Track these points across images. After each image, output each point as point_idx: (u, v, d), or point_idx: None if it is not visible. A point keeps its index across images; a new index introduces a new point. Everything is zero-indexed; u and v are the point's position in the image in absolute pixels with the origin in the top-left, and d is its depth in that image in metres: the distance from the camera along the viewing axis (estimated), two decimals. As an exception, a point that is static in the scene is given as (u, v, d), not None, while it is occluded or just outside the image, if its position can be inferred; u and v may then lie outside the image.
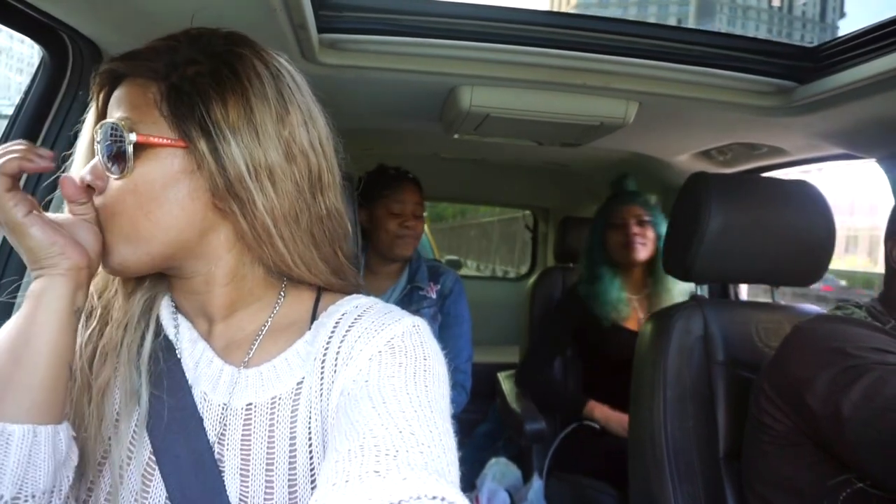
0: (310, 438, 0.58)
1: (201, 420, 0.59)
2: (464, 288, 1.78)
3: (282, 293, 0.66)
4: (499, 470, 1.88)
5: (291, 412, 0.59)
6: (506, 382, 2.18)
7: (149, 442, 0.58)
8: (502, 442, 2.42)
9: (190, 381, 0.60)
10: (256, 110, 0.58)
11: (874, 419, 0.80)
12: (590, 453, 1.75)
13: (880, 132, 1.16)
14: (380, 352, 0.57)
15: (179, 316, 0.65)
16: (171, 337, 0.63)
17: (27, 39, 0.93)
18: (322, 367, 0.59)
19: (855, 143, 1.29)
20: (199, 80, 0.57)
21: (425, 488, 0.40)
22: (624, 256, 1.87)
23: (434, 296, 1.69)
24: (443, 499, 0.39)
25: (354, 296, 0.67)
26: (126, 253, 0.57)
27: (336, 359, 0.59)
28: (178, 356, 0.62)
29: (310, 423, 0.58)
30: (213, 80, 0.57)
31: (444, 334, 1.69)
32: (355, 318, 0.61)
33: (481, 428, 2.57)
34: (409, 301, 1.66)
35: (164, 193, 0.57)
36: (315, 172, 0.62)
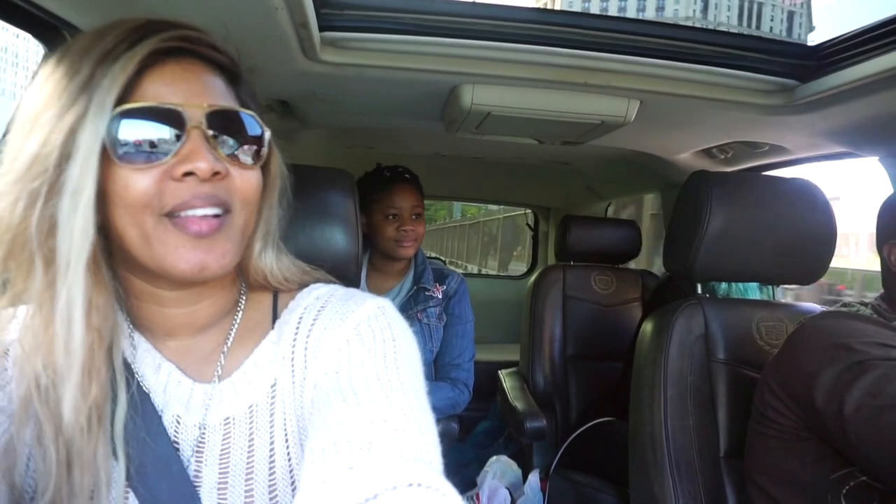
0: (287, 441, 0.57)
1: (167, 433, 0.56)
2: (468, 289, 1.78)
3: (242, 297, 0.64)
4: (499, 468, 1.88)
5: (269, 416, 0.58)
6: (507, 380, 2.18)
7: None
8: (503, 440, 2.42)
9: (160, 406, 0.57)
10: None
11: (877, 417, 0.80)
12: (591, 451, 1.75)
13: (882, 130, 1.16)
14: (347, 340, 0.56)
15: (136, 335, 0.59)
16: (132, 363, 0.58)
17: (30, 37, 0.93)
18: (292, 365, 0.58)
19: (857, 142, 1.29)
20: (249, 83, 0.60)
21: (400, 477, 0.39)
22: None
23: (440, 296, 1.70)
24: (419, 484, 0.39)
25: (312, 286, 0.65)
26: (236, 253, 0.55)
27: (305, 353, 0.58)
28: (146, 389, 0.57)
29: (286, 425, 0.57)
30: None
31: (447, 333, 1.71)
32: (318, 310, 0.60)
33: (482, 426, 2.58)
34: (416, 301, 1.67)
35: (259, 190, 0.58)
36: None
